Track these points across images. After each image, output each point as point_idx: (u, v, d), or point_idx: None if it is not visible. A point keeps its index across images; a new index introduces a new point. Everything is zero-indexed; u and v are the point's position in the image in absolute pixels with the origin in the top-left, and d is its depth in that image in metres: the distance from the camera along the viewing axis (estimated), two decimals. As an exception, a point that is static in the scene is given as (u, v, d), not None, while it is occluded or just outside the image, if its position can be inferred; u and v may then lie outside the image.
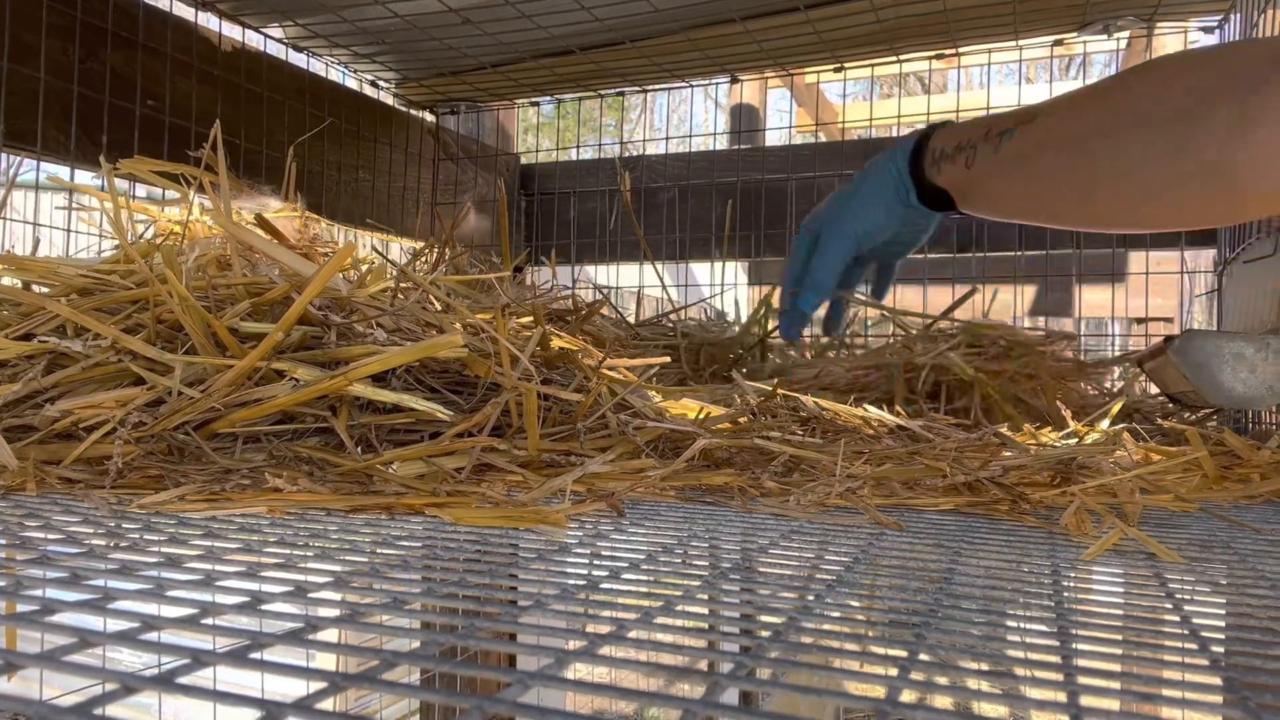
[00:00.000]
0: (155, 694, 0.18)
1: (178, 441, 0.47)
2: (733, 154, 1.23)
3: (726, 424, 0.56)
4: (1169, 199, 0.54)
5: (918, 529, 0.39)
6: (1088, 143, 0.56)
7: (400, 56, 1.10)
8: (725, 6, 0.94)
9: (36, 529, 0.34)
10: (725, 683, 0.19)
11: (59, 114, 0.79)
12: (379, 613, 0.24)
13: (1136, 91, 0.55)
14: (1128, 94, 0.56)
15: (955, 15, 0.95)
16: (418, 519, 0.39)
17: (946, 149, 0.66)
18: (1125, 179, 0.55)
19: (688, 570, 0.32)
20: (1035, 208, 0.62)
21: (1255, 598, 0.29)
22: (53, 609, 0.23)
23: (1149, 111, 0.53)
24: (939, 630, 0.24)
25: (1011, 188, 0.62)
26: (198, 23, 0.92)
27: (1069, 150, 0.57)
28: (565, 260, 1.27)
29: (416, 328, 0.56)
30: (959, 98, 1.48)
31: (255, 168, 0.97)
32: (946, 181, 0.67)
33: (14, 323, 0.54)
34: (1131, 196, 0.55)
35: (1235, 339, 0.67)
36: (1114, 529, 0.37)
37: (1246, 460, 0.55)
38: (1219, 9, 0.97)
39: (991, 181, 0.63)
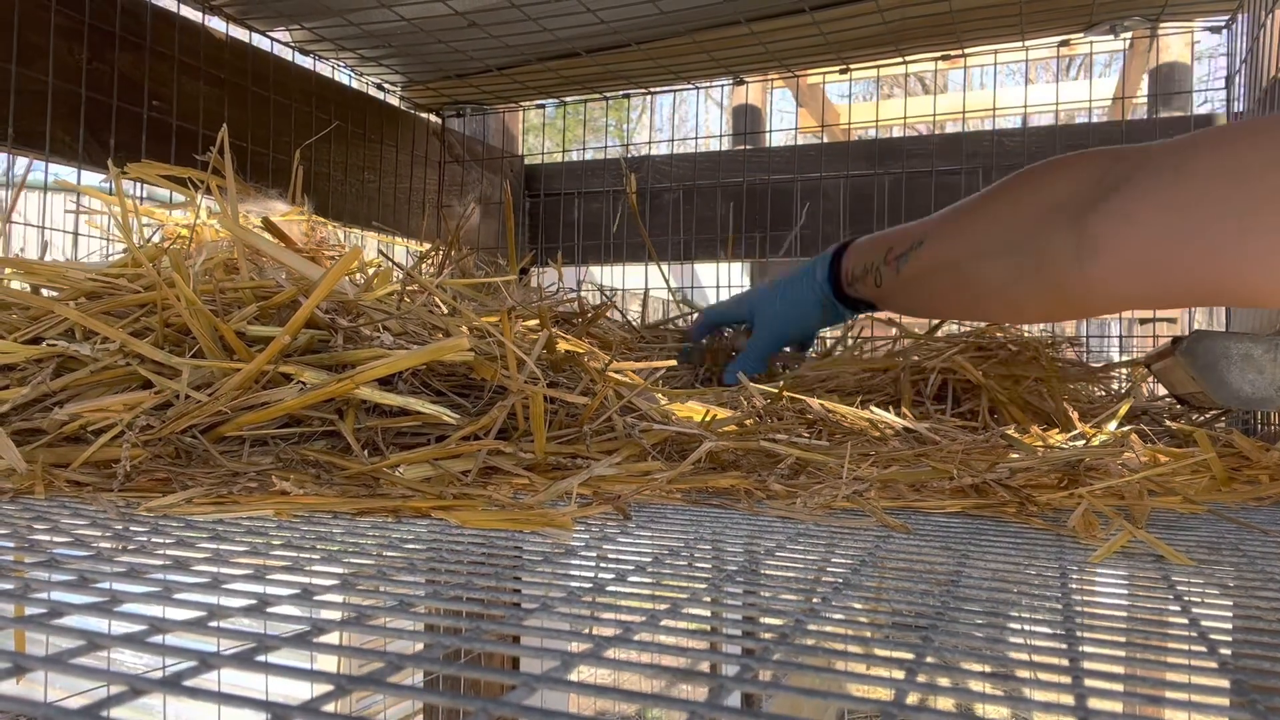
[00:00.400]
0: (161, 696, 0.18)
1: (185, 445, 0.47)
2: (737, 155, 1.23)
3: (733, 426, 0.56)
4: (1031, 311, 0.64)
5: (925, 531, 0.39)
6: (962, 267, 0.66)
7: (406, 59, 1.10)
8: (730, 9, 0.94)
9: (45, 532, 0.35)
10: (729, 685, 0.19)
11: (66, 116, 0.80)
12: (384, 615, 0.24)
13: (994, 217, 0.64)
14: (987, 219, 0.65)
15: (961, 16, 0.95)
16: (424, 522, 0.39)
17: (856, 270, 0.77)
18: (995, 296, 0.64)
19: (693, 573, 0.32)
20: (938, 313, 0.77)
21: (1264, 600, 0.29)
22: (60, 612, 0.23)
23: (1003, 238, 0.63)
24: (946, 633, 0.24)
25: (917, 302, 0.74)
26: (205, 25, 0.93)
27: (948, 272, 0.67)
28: (570, 261, 1.27)
29: (423, 331, 0.56)
30: (964, 98, 1.48)
31: (262, 170, 0.97)
32: (865, 295, 0.78)
33: (22, 326, 0.54)
34: (1003, 308, 0.66)
35: (1243, 340, 0.67)
36: (1122, 531, 0.37)
37: (1255, 462, 0.55)
38: (1226, 9, 0.97)
39: (899, 297, 0.74)
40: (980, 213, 0.66)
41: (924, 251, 0.69)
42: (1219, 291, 0.53)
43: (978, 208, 0.66)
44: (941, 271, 0.67)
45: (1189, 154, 0.52)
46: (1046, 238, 0.58)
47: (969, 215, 0.67)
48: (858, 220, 1.14)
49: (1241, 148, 0.50)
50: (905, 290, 0.72)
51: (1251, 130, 0.51)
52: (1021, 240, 0.60)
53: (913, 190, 1.12)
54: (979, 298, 0.65)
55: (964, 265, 0.65)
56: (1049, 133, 1.09)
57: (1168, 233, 0.51)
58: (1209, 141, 0.52)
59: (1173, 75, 1.33)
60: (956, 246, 0.66)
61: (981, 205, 0.66)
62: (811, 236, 1.16)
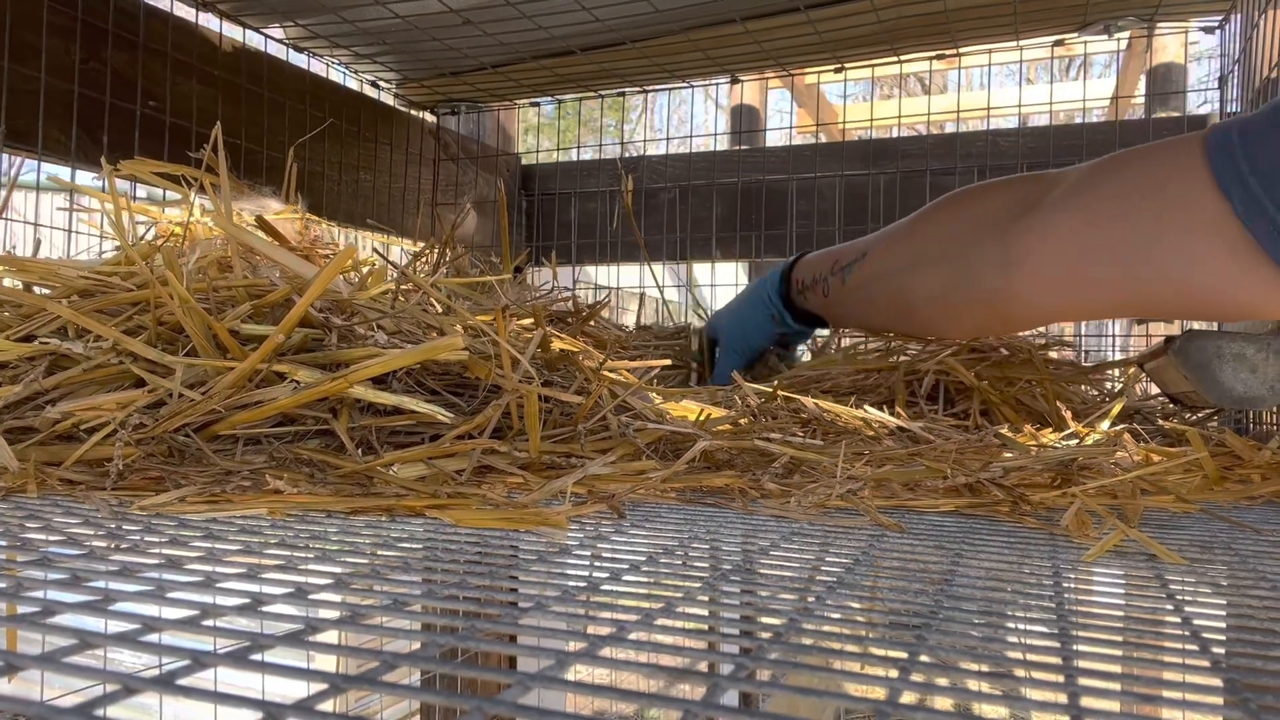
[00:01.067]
0: (156, 695, 0.18)
1: (178, 443, 0.47)
2: (733, 154, 1.23)
3: (727, 426, 0.56)
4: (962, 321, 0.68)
5: (918, 530, 0.39)
6: (897, 278, 0.70)
7: (401, 57, 1.10)
8: (726, 7, 0.94)
9: (37, 530, 0.34)
10: (725, 684, 0.19)
11: (60, 114, 0.79)
12: (379, 614, 0.24)
13: (928, 232, 0.68)
14: (922, 234, 0.69)
15: (956, 15, 0.95)
16: (418, 521, 0.39)
17: (806, 281, 0.80)
18: (928, 306, 0.68)
19: (688, 572, 0.32)
20: (878, 325, 0.78)
21: (1256, 599, 0.29)
22: (53, 610, 0.23)
23: (930, 252, 0.66)
24: (940, 632, 0.24)
25: (858, 311, 0.77)
26: (199, 23, 0.93)
27: (885, 282, 0.71)
28: (566, 261, 1.27)
29: (417, 330, 0.56)
30: (959, 98, 1.48)
31: (256, 168, 0.97)
32: (813, 308, 0.81)
33: (15, 324, 0.54)
34: (935, 318, 0.69)
35: (1236, 339, 0.67)
36: (1115, 530, 0.37)
37: (1247, 461, 0.55)
38: (1220, 9, 0.97)
39: (844, 307, 0.77)
40: (917, 227, 0.70)
41: (866, 263, 0.73)
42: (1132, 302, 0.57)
43: (915, 223, 0.70)
44: (880, 281, 0.71)
45: (1102, 173, 0.56)
46: (976, 249, 0.62)
47: (907, 230, 0.71)
48: (853, 220, 1.14)
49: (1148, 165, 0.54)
50: (849, 300, 0.75)
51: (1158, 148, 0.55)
52: (953, 252, 0.64)
53: (908, 190, 1.12)
54: (913, 307, 0.69)
55: (900, 275, 0.69)
56: (1044, 133, 1.09)
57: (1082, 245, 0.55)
58: (1119, 161, 0.56)
59: (1169, 76, 1.33)
60: (895, 258, 0.70)
61: (919, 220, 0.70)
62: (806, 236, 1.16)
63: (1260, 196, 0.48)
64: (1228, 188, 0.49)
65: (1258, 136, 0.49)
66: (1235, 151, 0.49)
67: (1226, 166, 0.49)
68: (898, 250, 0.71)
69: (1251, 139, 0.49)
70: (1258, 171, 0.48)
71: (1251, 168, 0.48)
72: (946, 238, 0.66)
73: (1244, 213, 0.48)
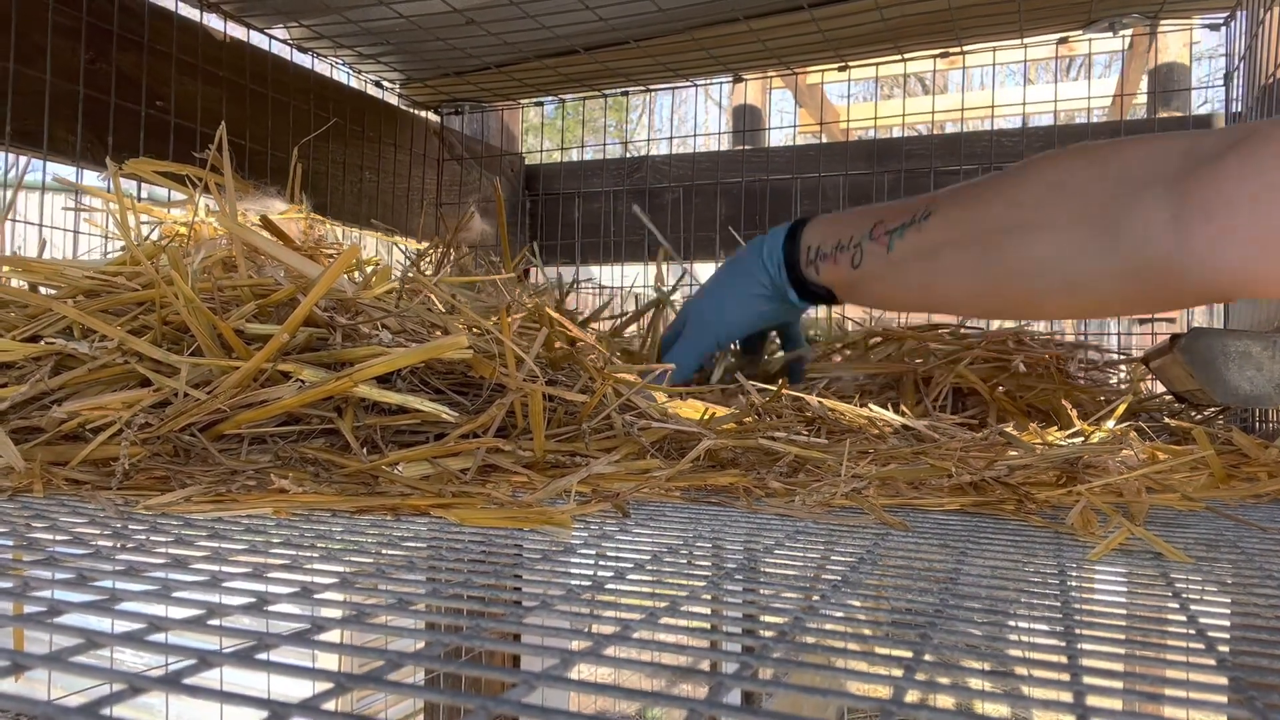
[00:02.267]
0: (161, 694, 0.18)
1: (184, 443, 0.47)
2: (737, 154, 1.23)
3: (731, 424, 0.56)
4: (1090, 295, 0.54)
5: (923, 529, 0.39)
6: (989, 246, 0.56)
7: (405, 57, 1.10)
8: (729, 6, 0.94)
9: (43, 530, 0.35)
10: (729, 683, 0.19)
11: (65, 115, 0.79)
12: (384, 613, 0.24)
13: (1038, 190, 0.54)
14: (1030, 192, 0.55)
15: (960, 13, 0.95)
16: (423, 520, 0.39)
17: (824, 248, 0.65)
18: (1035, 281, 0.54)
19: (692, 571, 0.32)
20: (935, 303, 0.63)
21: (1262, 597, 0.29)
22: (59, 610, 0.23)
23: (1047, 214, 0.53)
24: (944, 630, 0.24)
25: (908, 284, 0.62)
26: (203, 24, 0.93)
27: (976, 247, 0.57)
28: (570, 260, 1.27)
29: (422, 329, 0.56)
30: (962, 98, 1.48)
31: (260, 169, 0.97)
32: (829, 280, 0.66)
33: (21, 324, 0.54)
34: (1042, 297, 0.55)
35: (1241, 337, 0.67)
36: (1120, 528, 0.37)
37: (1254, 459, 0.55)
38: (1224, 6, 0.97)
39: (884, 279, 0.62)
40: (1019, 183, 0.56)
41: (931, 225, 0.59)
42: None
43: (1009, 180, 0.57)
44: (961, 247, 0.58)
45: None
46: (1126, 208, 0.50)
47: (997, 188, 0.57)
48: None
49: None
50: (895, 272, 0.61)
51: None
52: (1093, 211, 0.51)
53: (911, 190, 1.12)
54: (1014, 278, 0.56)
55: (1000, 238, 0.56)
56: (1048, 133, 1.09)
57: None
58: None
59: (1172, 75, 1.33)
60: (987, 217, 0.57)
61: (1015, 179, 0.57)
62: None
63: None
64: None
65: None
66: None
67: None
68: (990, 210, 0.57)
69: None
70: None
71: None
72: (1076, 193, 0.52)
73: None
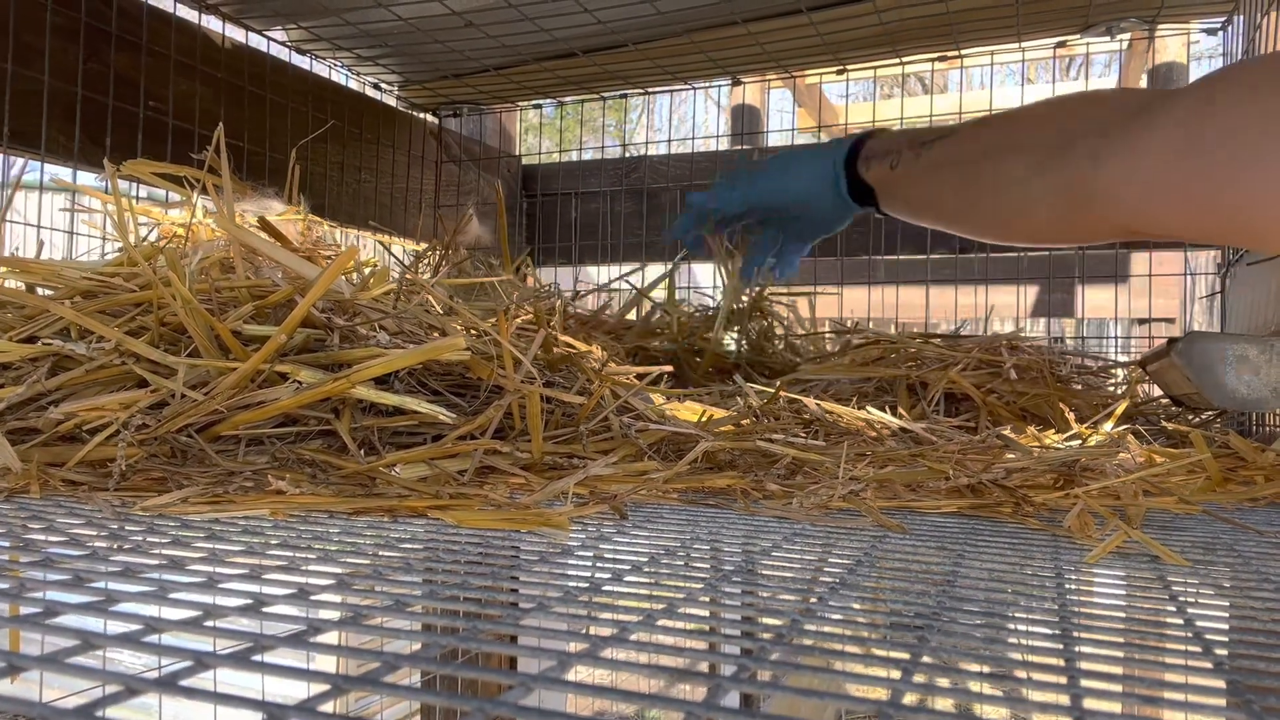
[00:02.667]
0: (157, 696, 0.18)
1: (181, 444, 0.47)
2: (735, 154, 1.23)
3: (729, 426, 0.56)
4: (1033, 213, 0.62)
5: (921, 531, 0.39)
6: (977, 162, 0.65)
7: (403, 59, 1.10)
8: (728, 9, 0.94)
9: (40, 531, 0.35)
10: (727, 685, 0.19)
11: (62, 116, 0.79)
12: (381, 615, 0.24)
13: (1018, 125, 0.65)
14: (1013, 126, 0.65)
15: (958, 17, 0.95)
16: (420, 521, 0.39)
17: (877, 151, 0.75)
18: (1000, 195, 0.64)
19: (690, 573, 0.32)
20: (935, 212, 0.73)
21: (1259, 600, 0.29)
22: (56, 611, 0.23)
23: (1024, 141, 0.63)
24: (941, 633, 0.24)
25: (920, 192, 0.72)
26: (201, 25, 0.93)
27: (962, 167, 0.67)
28: (567, 261, 1.27)
29: (419, 330, 0.56)
30: (961, 98, 1.48)
31: (258, 170, 0.97)
32: (874, 178, 0.76)
33: (18, 325, 0.54)
34: (1003, 209, 0.64)
35: (1239, 341, 0.67)
36: (1117, 531, 0.37)
37: (1250, 462, 0.55)
38: (1222, 10, 0.97)
39: (908, 184, 0.73)
40: (1019, 115, 0.67)
41: (950, 141, 0.69)
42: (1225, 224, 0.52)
43: (1016, 113, 0.67)
44: (955, 165, 0.68)
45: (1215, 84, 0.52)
46: (1072, 142, 0.58)
47: (1005, 118, 0.68)
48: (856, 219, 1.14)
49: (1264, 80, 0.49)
50: (917, 178, 0.71)
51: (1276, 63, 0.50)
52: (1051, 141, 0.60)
53: (909, 191, 1.12)
54: (987, 193, 0.65)
55: (986, 158, 0.65)
56: (1045, 134, 1.09)
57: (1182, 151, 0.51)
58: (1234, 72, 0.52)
59: (1170, 75, 1.33)
60: (984, 142, 0.66)
61: (1021, 111, 0.67)
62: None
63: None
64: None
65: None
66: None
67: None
68: (990, 135, 0.67)
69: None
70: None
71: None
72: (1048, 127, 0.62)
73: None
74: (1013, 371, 0.72)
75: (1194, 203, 0.51)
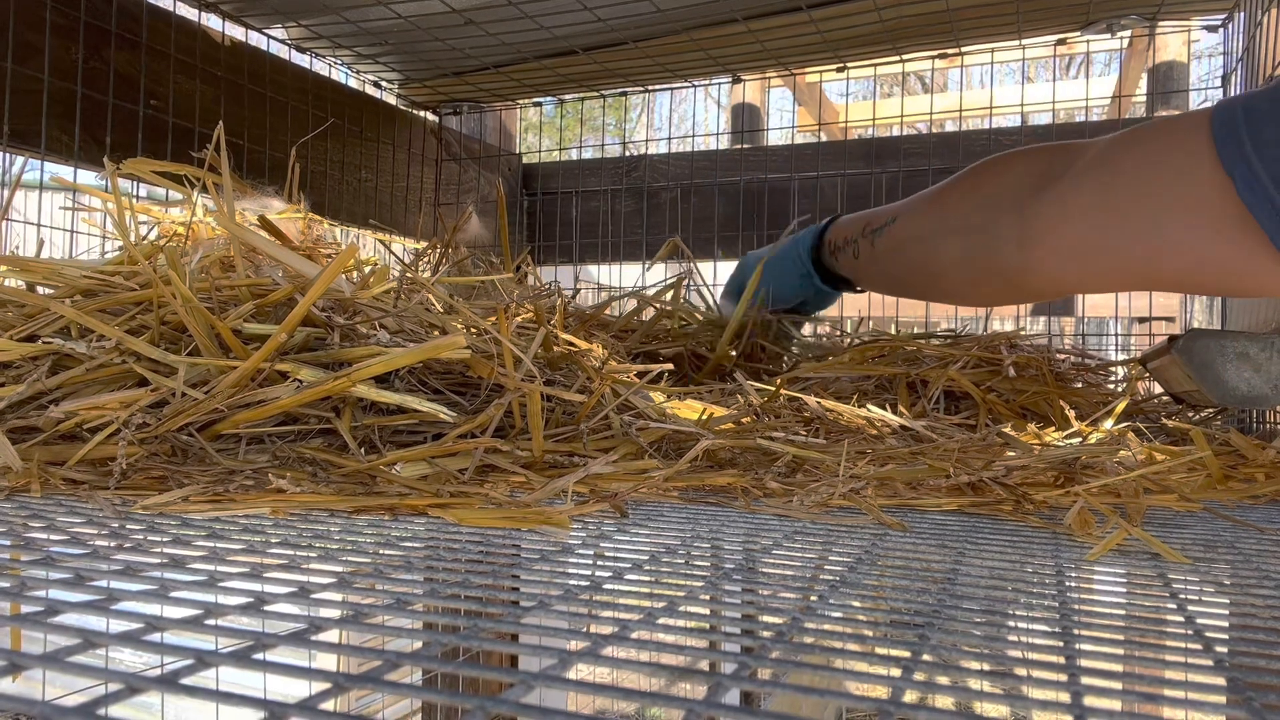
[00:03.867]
0: (159, 694, 0.18)
1: (181, 443, 0.47)
2: (735, 153, 1.23)
3: (730, 424, 0.56)
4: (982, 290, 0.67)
5: (921, 529, 0.39)
6: (922, 244, 0.70)
7: (403, 57, 1.10)
8: (728, 7, 0.94)
9: (41, 530, 0.35)
10: (727, 683, 0.19)
11: (62, 114, 0.79)
12: (382, 613, 0.24)
13: (953, 201, 0.69)
14: (948, 203, 0.69)
15: (958, 15, 0.95)
16: (421, 520, 0.39)
17: (838, 243, 0.81)
18: (950, 274, 0.68)
19: (690, 571, 0.32)
20: (904, 290, 0.78)
21: (1259, 598, 0.29)
22: (57, 610, 0.23)
23: (959, 220, 0.67)
24: (942, 630, 0.24)
25: (885, 275, 0.77)
26: (201, 23, 0.93)
27: (911, 248, 0.72)
28: (567, 259, 1.27)
29: (420, 329, 0.56)
30: (961, 97, 1.48)
31: (258, 168, 0.97)
32: (845, 270, 0.81)
33: (18, 324, 0.54)
34: (957, 286, 0.69)
35: (1239, 338, 0.67)
36: (1118, 529, 0.37)
37: (1251, 460, 0.55)
38: (1222, 8, 0.97)
39: (872, 270, 0.77)
40: (944, 195, 0.70)
41: (894, 228, 0.73)
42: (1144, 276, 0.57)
43: (942, 191, 0.71)
44: (907, 247, 0.72)
45: (1119, 148, 0.56)
46: (995, 221, 0.63)
47: (934, 197, 0.71)
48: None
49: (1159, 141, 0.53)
50: (878, 264, 0.76)
51: (1170, 124, 0.54)
52: (975, 223, 0.65)
53: (909, 189, 1.12)
54: (937, 274, 0.69)
55: (926, 241, 0.69)
56: (1046, 131, 1.09)
57: (1096, 220, 0.55)
58: (1134, 136, 0.56)
59: (1171, 73, 1.33)
60: (921, 224, 0.71)
61: (946, 189, 0.70)
62: (809, 235, 1.16)
63: (1262, 176, 0.46)
64: (1231, 166, 0.48)
65: (1262, 114, 0.47)
66: (1239, 129, 0.48)
67: (1230, 144, 0.48)
68: (924, 217, 0.71)
69: (1256, 116, 0.47)
70: (1261, 150, 0.47)
71: (1255, 146, 0.47)
72: (970, 207, 0.66)
73: (1246, 192, 0.47)
74: (1011, 369, 0.72)
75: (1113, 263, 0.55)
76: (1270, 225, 0.47)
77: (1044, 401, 0.72)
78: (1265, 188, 0.47)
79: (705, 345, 0.86)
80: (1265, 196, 0.47)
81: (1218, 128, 0.49)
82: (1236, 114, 0.48)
